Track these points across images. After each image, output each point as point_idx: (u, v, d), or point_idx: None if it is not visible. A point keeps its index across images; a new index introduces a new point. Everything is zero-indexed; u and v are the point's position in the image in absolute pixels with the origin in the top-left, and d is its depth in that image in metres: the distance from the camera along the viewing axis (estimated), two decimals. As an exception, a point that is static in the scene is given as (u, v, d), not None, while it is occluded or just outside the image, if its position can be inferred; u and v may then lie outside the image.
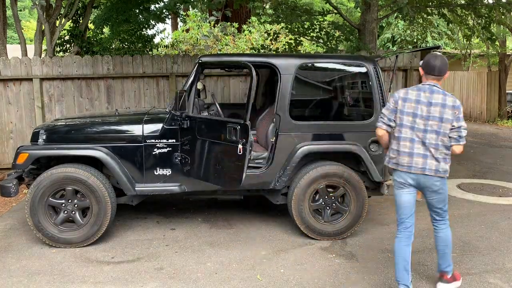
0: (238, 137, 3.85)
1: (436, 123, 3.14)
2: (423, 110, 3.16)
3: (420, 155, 3.17)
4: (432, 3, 8.35)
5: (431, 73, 3.21)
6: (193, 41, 12.62)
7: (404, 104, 3.22)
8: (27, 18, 31.76)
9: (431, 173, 3.17)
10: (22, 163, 4.26)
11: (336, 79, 4.66)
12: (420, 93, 3.20)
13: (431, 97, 3.16)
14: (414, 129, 3.18)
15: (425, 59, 3.25)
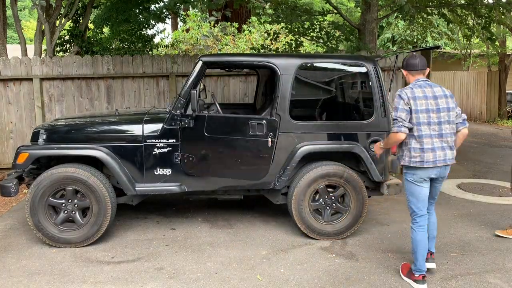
0: (266, 131, 4.25)
1: (446, 113, 3.34)
2: (432, 104, 3.34)
3: (439, 148, 3.35)
4: (432, 3, 8.35)
5: (415, 69, 3.48)
6: (193, 41, 12.62)
7: (416, 103, 3.33)
8: (27, 18, 31.76)
9: (451, 162, 3.40)
10: (22, 163, 4.26)
11: (336, 79, 4.67)
12: (424, 89, 3.38)
13: (434, 91, 3.38)
14: (431, 124, 3.33)
15: (404, 61, 3.52)
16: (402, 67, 3.57)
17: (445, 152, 3.36)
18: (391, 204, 5.75)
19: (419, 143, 3.36)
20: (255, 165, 4.43)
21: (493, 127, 14.04)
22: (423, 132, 3.34)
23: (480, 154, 9.27)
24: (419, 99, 3.34)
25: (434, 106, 3.34)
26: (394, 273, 3.78)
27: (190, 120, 4.31)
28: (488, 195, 6.12)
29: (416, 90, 3.38)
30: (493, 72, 15.50)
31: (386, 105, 4.50)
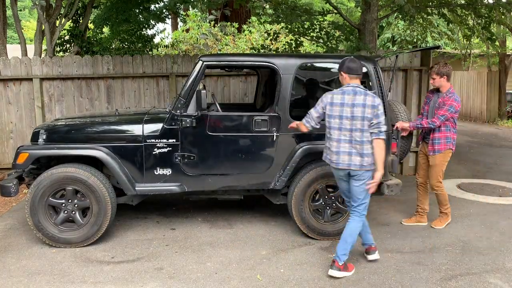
0: (270, 127, 4.35)
1: (359, 122, 3.54)
2: (347, 111, 3.57)
3: (345, 153, 3.61)
4: (432, 3, 8.35)
5: (355, 73, 3.63)
6: (193, 41, 12.61)
7: (332, 109, 3.62)
8: (27, 18, 31.75)
9: (356, 168, 3.61)
10: (22, 163, 4.26)
11: (336, 79, 4.65)
12: (345, 96, 3.60)
13: (355, 99, 3.56)
14: (342, 129, 3.60)
15: (343, 63, 3.64)
16: (341, 69, 3.68)
17: (351, 158, 3.60)
18: (391, 204, 5.75)
19: (329, 144, 3.71)
20: (257, 163, 4.44)
21: (493, 127, 14.04)
22: (332, 135, 3.65)
23: (480, 154, 9.27)
24: (335, 105, 3.61)
25: (349, 113, 3.55)
26: (394, 273, 3.78)
27: (193, 120, 4.32)
28: (488, 195, 6.12)
29: (336, 96, 3.63)
30: (493, 72, 15.49)
31: (386, 105, 4.50)
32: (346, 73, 3.64)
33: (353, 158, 3.59)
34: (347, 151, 3.59)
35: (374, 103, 3.53)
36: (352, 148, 3.58)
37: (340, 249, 3.68)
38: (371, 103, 3.52)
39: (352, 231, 3.70)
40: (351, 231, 3.70)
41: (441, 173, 4.82)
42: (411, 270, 3.84)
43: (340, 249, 3.68)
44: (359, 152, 3.57)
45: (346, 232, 3.71)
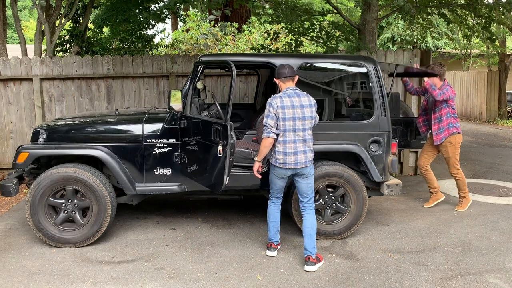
0: (220, 138, 3.87)
1: (309, 121, 3.78)
2: (298, 113, 3.73)
3: (302, 152, 3.79)
4: (432, 3, 8.35)
5: (285, 76, 3.80)
6: (193, 41, 12.61)
7: (284, 112, 3.71)
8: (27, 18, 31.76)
9: (310, 163, 3.85)
10: (22, 163, 4.26)
11: (336, 79, 4.66)
12: (292, 99, 3.74)
13: (301, 100, 3.75)
14: (296, 130, 3.75)
15: (276, 71, 3.85)
16: (276, 77, 3.86)
17: (306, 155, 3.80)
18: (391, 204, 5.76)
19: (283, 147, 3.77)
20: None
21: (493, 127, 14.04)
22: (287, 138, 3.76)
23: (480, 154, 9.27)
24: (287, 108, 3.71)
25: (300, 114, 3.73)
26: (394, 273, 3.78)
27: (183, 121, 4.35)
28: (488, 195, 6.12)
29: (285, 99, 3.74)
30: (493, 72, 15.49)
31: (386, 105, 4.50)
32: (280, 79, 3.84)
33: (308, 156, 3.81)
34: (302, 150, 3.78)
35: (315, 102, 3.83)
36: (306, 147, 3.79)
37: (309, 245, 3.84)
38: (314, 103, 3.82)
39: (312, 225, 3.88)
40: (312, 224, 3.89)
41: (457, 161, 5.37)
42: (411, 270, 3.84)
43: (309, 245, 3.84)
44: (310, 149, 3.84)
45: (306, 227, 3.88)
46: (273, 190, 4.07)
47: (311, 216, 3.91)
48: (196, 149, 4.23)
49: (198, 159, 4.20)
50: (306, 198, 3.92)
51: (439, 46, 16.80)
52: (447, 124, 5.22)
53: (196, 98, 4.59)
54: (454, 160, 5.34)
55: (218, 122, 3.92)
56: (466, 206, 5.47)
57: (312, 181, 3.92)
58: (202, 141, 4.13)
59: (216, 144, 3.90)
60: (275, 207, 4.09)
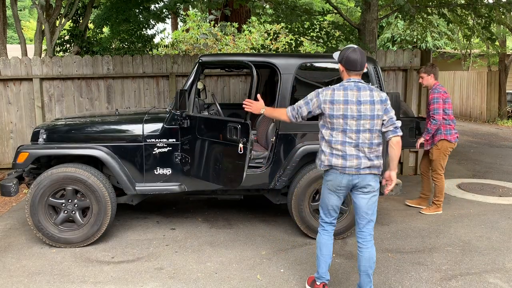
0: (239, 136, 3.85)
1: (368, 121, 3.01)
2: (353, 110, 3.01)
3: (353, 156, 3.05)
4: (432, 3, 8.35)
5: (353, 69, 3.06)
6: (193, 41, 12.62)
7: (333, 107, 3.04)
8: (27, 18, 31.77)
9: (366, 172, 3.08)
10: (22, 163, 4.26)
11: (336, 79, 4.66)
12: (347, 92, 3.03)
13: (360, 95, 3.02)
14: (347, 131, 3.04)
15: (343, 54, 3.07)
16: (340, 61, 3.11)
17: (360, 161, 3.04)
18: (391, 204, 5.76)
19: (329, 148, 3.10)
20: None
21: (493, 127, 14.04)
22: (334, 138, 3.07)
23: (480, 154, 9.27)
24: (337, 103, 3.03)
25: (355, 112, 3.01)
26: (394, 273, 3.78)
27: (186, 120, 4.31)
28: (488, 195, 6.12)
29: (338, 92, 3.04)
30: (493, 72, 15.49)
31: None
32: (344, 67, 3.10)
33: (363, 162, 3.06)
34: (353, 153, 3.05)
35: (383, 98, 3.05)
36: (359, 152, 3.05)
37: (366, 285, 3.18)
38: (379, 99, 3.03)
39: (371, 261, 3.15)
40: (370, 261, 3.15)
41: (440, 166, 5.24)
42: (411, 270, 3.84)
43: (366, 285, 3.19)
44: (367, 156, 3.06)
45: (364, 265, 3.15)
46: (322, 211, 3.32)
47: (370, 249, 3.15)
48: (206, 148, 4.19)
49: (210, 158, 4.16)
50: (364, 220, 3.19)
51: (439, 46, 16.81)
52: (435, 130, 5.13)
53: (196, 98, 4.58)
54: (437, 165, 5.21)
55: (238, 120, 3.91)
56: (432, 211, 5.31)
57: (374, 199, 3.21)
58: (216, 140, 4.09)
59: (235, 142, 3.87)
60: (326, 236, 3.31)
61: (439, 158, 5.20)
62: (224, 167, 4.03)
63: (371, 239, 3.17)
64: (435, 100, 5.05)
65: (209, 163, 4.16)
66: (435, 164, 5.24)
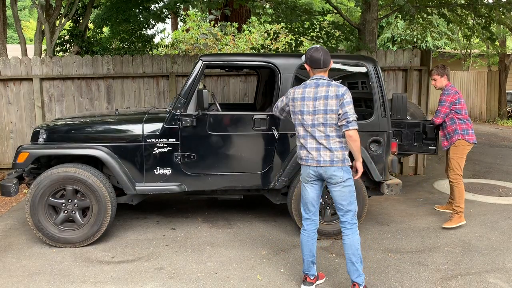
0: (267, 126, 4.38)
1: (321, 116, 3.20)
2: (309, 106, 3.24)
3: (313, 148, 3.26)
4: (432, 3, 8.35)
5: (317, 67, 3.26)
6: (193, 41, 12.62)
7: (294, 104, 3.33)
8: (27, 18, 31.77)
9: (327, 164, 3.23)
10: (22, 163, 4.26)
11: (336, 79, 4.66)
12: (305, 89, 3.28)
13: (317, 91, 3.23)
14: (304, 125, 3.28)
15: (307, 54, 3.28)
16: (306, 61, 3.30)
17: (319, 153, 3.23)
18: (391, 204, 5.76)
19: (298, 142, 3.38)
20: (257, 162, 4.44)
21: (493, 127, 14.04)
22: (298, 132, 3.35)
23: (480, 154, 9.27)
24: (296, 100, 3.31)
25: (311, 108, 3.22)
26: (394, 273, 3.78)
27: (193, 119, 4.33)
28: (488, 195, 6.12)
29: (298, 90, 3.32)
30: (493, 72, 15.50)
31: (386, 105, 4.50)
32: (309, 66, 3.30)
33: (323, 154, 3.23)
34: (313, 146, 3.26)
35: (340, 93, 3.16)
36: (319, 144, 3.24)
37: (353, 273, 3.26)
38: (335, 94, 3.16)
39: (353, 248, 3.24)
40: (352, 248, 3.25)
41: (458, 166, 4.93)
42: (411, 270, 3.84)
43: (353, 273, 3.26)
44: (328, 147, 3.22)
45: (347, 252, 3.26)
46: (301, 207, 3.49)
47: (347, 238, 3.26)
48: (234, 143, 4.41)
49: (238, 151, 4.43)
50: (344, 216, 3.30)
51: (439, 46, 16.81)
52: (453, 130, 4.90)
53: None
54: (455, 163, 4.91)
55: (266, 113, 4.38)
56: (455, 223, 4.84)
57: (345, 189, 3.26)
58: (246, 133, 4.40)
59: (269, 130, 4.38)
60: (305, 235, 3.43)
61: (456, 156, 4.91)
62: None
63: (351, 227, 3.28)
64: (442, 103, 4.90)
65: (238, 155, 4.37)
66: (452, 163, 4.93)
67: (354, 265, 3.24)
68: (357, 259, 3.24)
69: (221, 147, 4.41)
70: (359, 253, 3.25)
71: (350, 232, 3.27)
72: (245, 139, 4.42)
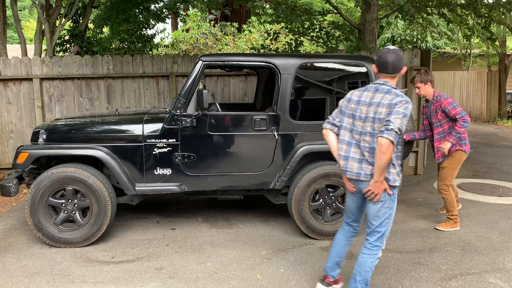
0: (267, 127, 4.38)
1: (370, 124, 2.88)
2: (362, 111, 2.93)
3: (354, 159, 2.97)
4: (432, 3, 8.35)
5: (383, 71, 2.94)
6: (193, 41, 12.62)
7: (347, 105, 3.03)
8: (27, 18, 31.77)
9: (365, 178, 2.94)
10: (22, 163, 4.26)
11: (336, 78, 4.66)
12: (364, 93, 2.97)
13: (373, 97, 2.91)
14: (353, 131, 2.98)
15: (378, 55, 2.96)
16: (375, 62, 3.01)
17: (361, 166, 2.94)
18: (391, 204, 5.75)
19: (341, 149, 3.06)
20: (257, 162, 4.45)
21: (493, 127, 14.04)
22: (344, 137, 3.03)
23: (480, 154, 9.27)
24: (351, 102, 3.00)
25: (363, 113, 2.92)
26: (394, 273, 3.78)
27: (193, 119, 4.33)
28: (488, 195, 6.12)
29: (357, 92, 3.02)
30: (493, 72, 15.50)
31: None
32: (376, 68, 2.99)
33: (364, 167, 2.94)
34: (355, 157, 2.97)
35: (392, 101, 2.82)
36: (361, 155, 2.95)
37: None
38: (388, 102, 2.81)
39: (362, 267, 3.00)
40: (361, 266, 3.01)
41: (450, 176, 4.74)
42: (411, 270, 3.84)
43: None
44: (368, 160, 2.92)
45: (355, 268, 3.05)
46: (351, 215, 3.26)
47: (362, 256, 3.02)
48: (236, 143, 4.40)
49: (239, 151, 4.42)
50: (369, 229, 3.03)
51: (439, 46, 16.80)
52: None
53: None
54: (447, 173, 4.72)
55: (266, 113, 4.38)
56: (449, 227, 4.78)
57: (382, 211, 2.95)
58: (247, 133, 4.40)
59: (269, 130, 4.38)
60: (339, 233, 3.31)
61: (451, 166, 4.70)
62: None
63: (371, 248, 3.01)
64: (453, 105, 4.54)
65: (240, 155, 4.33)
66: (445, 172, 4.72)
67: (355, 283, 3.02)
68: (361, 280, 3.00)
69: (221, 147, 4.41)
70: (367, 275, 3.00)
71: (368, 253, 3.01)
72: (245, 139, 4.42)
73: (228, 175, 4.47)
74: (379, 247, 3.02)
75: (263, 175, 4.48)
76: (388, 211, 2.96)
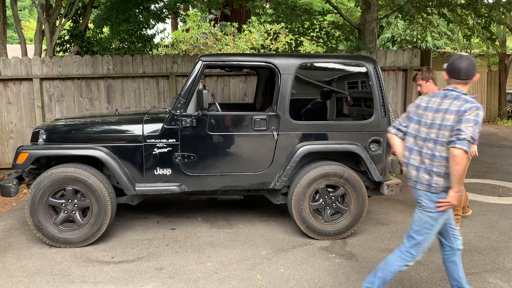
0: (267, 127, 4.37)
1: (435, 130, 2.80)
2: (428, 117, 2.86)
3: (413, 166, 2.92)
4: (432, 3, 8.35)
5: (454, 77, 2.85)
6: (193, 41, 12.63)
7: (415, 111, 2.98)
8: (27, 18, 31.76)
9: (421, 187, 2.88)
10: (22, 163, 4.26)
11: (336, 78, 4.67)
12: (432, 99, 2.90)
13: (441, 103, 2.82)
14: (416, 137, 2.91)
15: (450, 61, 2.89)
16: (446, 68, 2.91)
17: (418, 174, 2.88)
18: (391, 204, 5.75)
19: (403, 155, 3.02)
20: (257, 162, 4.45)
21: (493, 127, 14.04)
22: (408, 144, 2.98)
23: (480, 154, 9.27)
24: (420, 108, 2.94)
25: (429, 119, 2.85)
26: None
27: (193, 120, 4.33)
28: (488, 195, 6.12)
29: (426, 98, 2.94)
30: (493, 72, 15.50)
31: (386, 105, 4.51)
32: (447, 74, 2.91)
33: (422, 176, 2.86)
34: (414, 164, 2.91)
35: (460, 108, 2.71)
36: (420, 163, 2.87)
37: (367, 280, 3.05)
38: (457, 109, 2.71)
39: (388, 265, 2.94)
40: (387, 265, 2.95)
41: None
42: (411, 270, 3.84)
43: (367, 280, 3.05)
44: (427, 169, 2.83)
45: (380, 265, 3.01)
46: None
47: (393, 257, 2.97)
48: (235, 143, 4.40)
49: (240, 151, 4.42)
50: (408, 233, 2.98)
51: (439, 46, 16.80)
52: None
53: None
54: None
55: (266, 113, 4.38)
56: None
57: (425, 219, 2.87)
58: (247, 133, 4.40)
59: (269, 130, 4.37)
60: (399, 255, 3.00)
61: None
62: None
63: (403, 251, 2.95)
64: None
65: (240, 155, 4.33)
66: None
67: (374, 279, 2.98)
68: (381, 277, 2.95)
69: (221, 147, 4.41)
70: (388, 276, 2.94)
71: (399, 255, 2.96)
72: (245, 140, 4.42)
73: (228, 175, 4.47)
74: (412, 256, 2.94)
75: (263, 175, 4.48)
76: (430, 221, 2.87)
